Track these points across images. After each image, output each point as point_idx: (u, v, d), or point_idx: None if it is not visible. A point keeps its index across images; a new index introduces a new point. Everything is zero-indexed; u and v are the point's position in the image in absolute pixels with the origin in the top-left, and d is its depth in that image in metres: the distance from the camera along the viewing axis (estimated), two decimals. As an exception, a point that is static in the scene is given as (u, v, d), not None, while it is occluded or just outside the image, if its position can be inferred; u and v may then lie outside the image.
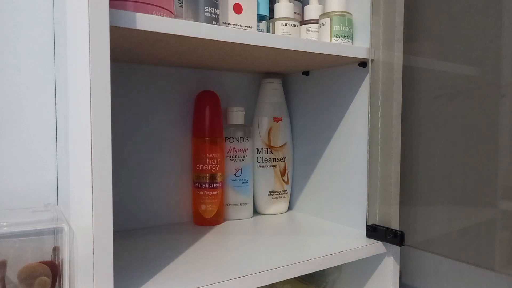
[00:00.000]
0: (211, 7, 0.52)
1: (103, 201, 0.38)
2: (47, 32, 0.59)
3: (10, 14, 0.57)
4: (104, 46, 0.37)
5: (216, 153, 0.70)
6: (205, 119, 0.70)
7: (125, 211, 0.67)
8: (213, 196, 0.70)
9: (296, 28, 0.67)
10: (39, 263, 0.46)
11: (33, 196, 0.59)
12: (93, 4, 0.37)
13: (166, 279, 0.47)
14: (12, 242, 0.46)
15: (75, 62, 0.45)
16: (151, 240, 0.62)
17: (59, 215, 0.50)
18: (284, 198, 0.79)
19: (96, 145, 0.38)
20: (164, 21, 0.44)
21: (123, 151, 0.66)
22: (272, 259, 0.53)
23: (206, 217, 0.70)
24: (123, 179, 0.66)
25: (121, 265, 0.50)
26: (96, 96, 0.38)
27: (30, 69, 0.59)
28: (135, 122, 0.68)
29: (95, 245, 0.38)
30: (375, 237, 0.62)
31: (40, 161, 0.60)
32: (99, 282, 0.39)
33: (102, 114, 0.38)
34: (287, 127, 0.80)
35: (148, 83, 0.68)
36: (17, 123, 0.58)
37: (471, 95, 0.39)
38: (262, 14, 0.66)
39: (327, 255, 0.55)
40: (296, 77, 0.80)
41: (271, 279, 0.50)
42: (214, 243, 0.60)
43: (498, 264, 0.50)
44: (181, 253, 0.55)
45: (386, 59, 0.61)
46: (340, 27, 0.64)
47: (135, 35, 0.45)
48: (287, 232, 0.66)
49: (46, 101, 0.60)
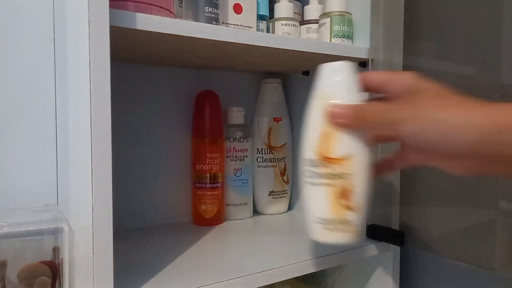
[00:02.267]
0: (211, 7, 0.52)
1: (103, 201, 0.38)
2: (47, 32, 0.59)
3: (10, 14, 0.57)
4: (104, 46, 0.37)
5: (216, 153, 0.70)
6: (205, 119, 0.70)
7: (125, 211, 0.67)
8: (213, 196, 0.70)
9: (296, 28, 0.67)
10: (39, 263, 0.46)
11: (33, 196, 0.59)
12: (93, 4, 0.37)
13: (166, 279, 0.47)
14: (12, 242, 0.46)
15: (75, 62, 0.45)
16: (151, 240, 0.62)
17: (59, 215, 0.50)
18: (284, 198, 0.79)
19: (96, 145, 0.38)
20: (164, 21, 0.44)
21: (123, 151, 0.66)
22: (272, 259, 0.53)
23: (206, 217, 0.70)
24: (123, 179, 0.66)
25: (121, 265, 0.50)
26: (96, 96, 0.38)
27: (30, 69, 0.59)
28: (135, 122, 0.68)
29: (95, 245, 0.38)
30: (375, 237, 0.62)
31: (40, 161, 0.60)
32: (99, 282, 0.39)
33: (102, 114, 0.38)
34: (287, 127, 0.80)
35: (148, 83, 0.68)
36: (17, 123, 0.58)
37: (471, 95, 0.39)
38: (262, 14, 0.66)
39: (327, 255, 0.55)
40: (296, 77, 0.80)
41: (271, 279, 0.49)
42: (214, 243, 0.60)
43: (498, 265, 0.50)
44: (181, 253, 0.55)
45: (386, 59, 0.61)
46: (340, 27, 0.64)
47: (135, 35, 0.45)
48: (287, 232, 0.66)
49: (46, 101, 0.60)
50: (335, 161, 0.49)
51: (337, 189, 0.49)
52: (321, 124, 0.49)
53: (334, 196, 0.49)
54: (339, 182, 0.48)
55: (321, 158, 0.50)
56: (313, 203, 0.51)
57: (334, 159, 0.49)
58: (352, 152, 0.48)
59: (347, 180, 0.48)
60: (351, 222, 0.50)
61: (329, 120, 0.47)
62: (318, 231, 0.50)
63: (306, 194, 0.51)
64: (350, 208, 0.49)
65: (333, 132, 0.49)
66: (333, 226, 0.49)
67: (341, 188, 0.49)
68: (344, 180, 0.48)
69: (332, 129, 0.48)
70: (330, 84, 0.51)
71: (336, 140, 0.48)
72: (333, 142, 0.49)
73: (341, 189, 0.49)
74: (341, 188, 0.49)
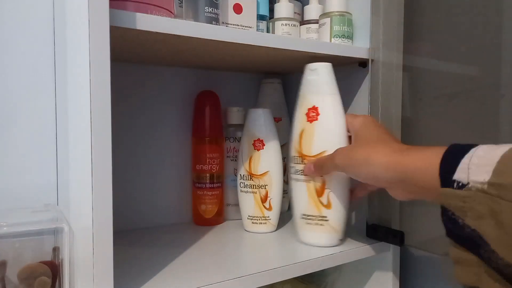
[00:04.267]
0: (211, 7, 0.52)
1: (103, 201, 0.38)
2: (47, 32, 0.59)
3: (10, 14, 0.57)
4: (104, 46, 0.37)
5: (216, 153, 0.70)
6: (205, 119, 0.70)
7: (125, 211, 0.67)
8: (213, 196, 0.70)
9: (296, 28, 0.67)
10: (39, 263, 0.46)
11: (33, 196, 0.59)
12: (93, 4, 0.37)
13: (166, 279, 0.47)
14: (12, 242, 0.46)
15: (75, 62, 0.45)
16: (151, 240, 0.62)
17: (59, 215, 0.50)
18: (284, 198, 0.79)
19: (96, 145, 0.38)
20: (164, 21, 0.44)
21: (123, 151, 0.66)
22: (272, 259, 0.53)
23: (206, 217, 0.70)
24: (123, 179, 0.66)
25: (121, 265, 0.50)
26: (96, 96, 0.38)
27: (30, 69, 0.59)
28: (135, 122, 0.68)
29: (95, 245, 0.38)
30: (375, 237, 0.62)
31: (40, 161, 0.60)
32: (99, 282, 0.39)
33: (102, 114, 0.38)
34: (287, 127, 0.79)
35: (148, 83, 0.68)
36: (17, 123, 0.58)
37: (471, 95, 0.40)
38: (262, 14, 0.66)
39: (327, 255, 0.55)
40: (296, 77, 0.80)
41: (271, 279, 0.49)
42: (214, 243, 0.60)
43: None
44: (181, 253, 0.55)
45: (386, 59, 0.61)
46: (340, 27, 0.64)
47: (135, 35, 0.45)
48: (287, 232, 0.66)
49: (46, 101, 0.60)
50: (311, 159, 0.57)
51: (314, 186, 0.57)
52: (300, 123, 0.56)
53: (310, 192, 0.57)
54: (315, 180, 0.57)
55: (299, 155, 0.58)
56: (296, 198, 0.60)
57: (310, 156, 0.57)
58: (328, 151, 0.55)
59: (322, 177, 0.57)
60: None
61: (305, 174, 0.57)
62: None
63: (292, 189, 0.61)
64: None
65: (310, 130, 0.57)
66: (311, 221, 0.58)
67: (317, 186, 0.57)
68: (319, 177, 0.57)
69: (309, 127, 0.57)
70: (308, 83, 0.56)
71: (312, 138, 0.57)
72: (310, 141, 0.57)
73: (317, 186, 0.57)
74: (317, 185, 0.57)
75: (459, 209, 0.35)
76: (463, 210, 0.35)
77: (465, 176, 0.35)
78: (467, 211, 0.34)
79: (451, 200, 0.35)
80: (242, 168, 0.66)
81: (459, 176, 0.35)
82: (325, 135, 0.56)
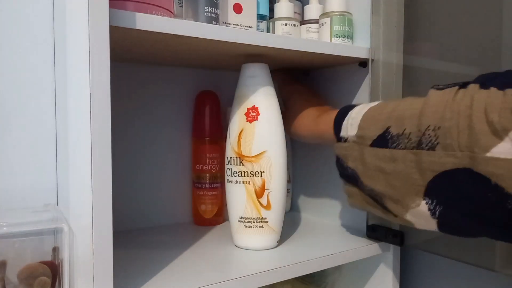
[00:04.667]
0: (211, 7, 0.52)
1: (103, 201, 0.38)
2: (47, 32, 0.59)
3: (10, 14, 0.57)
4: (104, 46, 0.37)
5: (216, 153, 0.70)
6: (205, 119, 0.70)
7: (125, 211, 0.67)
8: (213, 196, 0.70)
9: (296, 28, 0.67)
10: (39, 263, 0.46)
11: (33, 196, 0.59)
12: (93, 4, 0.37)
13: (166, 279, 0.47)
14: (12, 242, 0.46)
15: (75, 62, 0.45)
16: (151, 240, 0.62)
17: (59, 215, 0.50)
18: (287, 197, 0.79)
19: (96, 145, 0.38)
20: (164, 21, 0.44)
21: (122, 151, 0.66)
22: (273, 259, 0.53)
23: (206, 217, 0.70)
24: (123, 179, 0.66)
25: (121, 265, 0.50)
26: (96, 96, 0.38)
27: (30, 69, 0.59)
28: (135, 122, 0.67)
29: (95, 245, 0.38)
30: (375, 237, 0.62)
31: (40, 161, 0.60)
32: (99, 282, 0.39)
33: (102, 114, 0.38)
34: (287, 127, 0.79)
35: (148, 83, 0.68)
36: (17, 123, 0.58)
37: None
38: (262, 14, 0.65)
39: (327, 255, 0.55)
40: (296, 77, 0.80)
41: (271, 279, 0.49)
42: (214, 243, 0.60)
43: (498, 265, 0.50)
44: (181, 253, 0.55)
45: (386, 59, 0.61)
46: (340, 27, 0.64)
47: (135, 35, 0.45)
48: (287, 232, 0.66)
49: (46, 101, 0.60)
50: (251, 159, 0.56)
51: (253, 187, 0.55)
52: (239, 123, 0.54)
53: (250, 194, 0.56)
54: (254, 180, 0.55)
55: (238, 156, 0.56)
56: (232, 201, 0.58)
57: (250, 157, 0.56)
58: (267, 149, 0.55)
59: (262, 178, 0.55)
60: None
61: None
62: None
63: (228, 192, 0.58)
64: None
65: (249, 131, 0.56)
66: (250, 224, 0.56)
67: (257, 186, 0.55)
68: (259, 178, 0.55)
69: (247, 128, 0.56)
70: (247, 84, 0.56)
71: (253, 138, 0.56)
72: (251, 141, 0.56)
73: (256, 187, 0.55)
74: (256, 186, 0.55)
75: (344, 156, 0.50)
76: (346, 156, 0.50)
77: (345, 133, 0.50)
78: (348, 157, 0.49)
79: (339, 150, 0.51)
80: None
81: (343, 134, 0.51)
82: (266, 135, 0.55)
